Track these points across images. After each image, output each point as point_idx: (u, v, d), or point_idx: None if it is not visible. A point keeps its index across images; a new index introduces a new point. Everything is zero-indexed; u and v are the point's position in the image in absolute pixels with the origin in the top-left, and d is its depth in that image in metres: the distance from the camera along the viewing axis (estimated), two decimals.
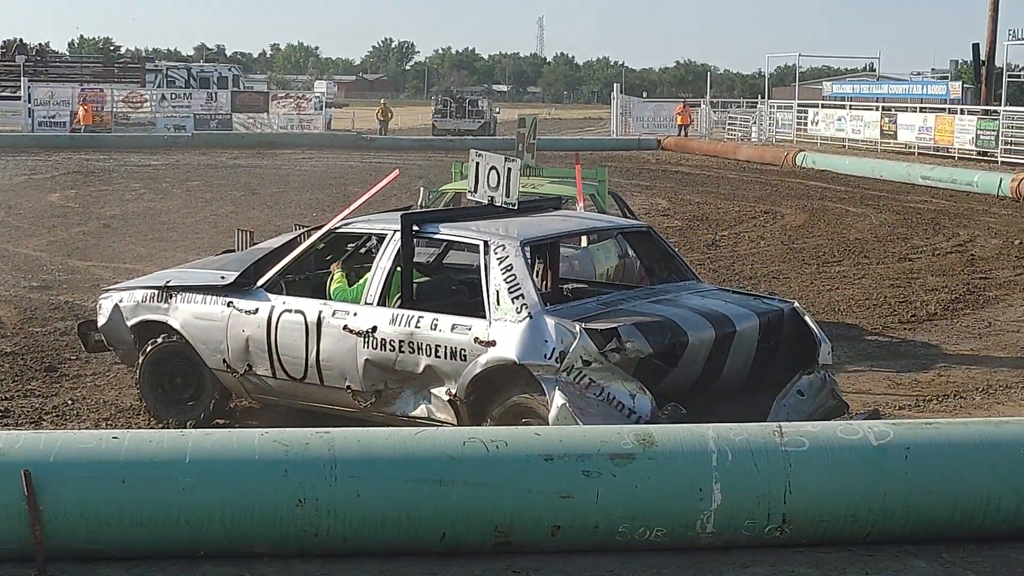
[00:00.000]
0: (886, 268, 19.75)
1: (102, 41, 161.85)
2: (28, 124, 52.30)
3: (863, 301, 16.60)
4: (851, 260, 20.62)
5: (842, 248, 22.03)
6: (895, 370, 12.86)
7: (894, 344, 14.14)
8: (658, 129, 57.85)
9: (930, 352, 13.82)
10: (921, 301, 16.65)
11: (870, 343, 14.18)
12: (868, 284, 18.05)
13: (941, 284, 18.15)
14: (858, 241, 23.06)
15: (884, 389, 12.09)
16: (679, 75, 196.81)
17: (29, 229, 23.07)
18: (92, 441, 6.99)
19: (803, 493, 6.97)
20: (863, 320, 15.39)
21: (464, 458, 6.91)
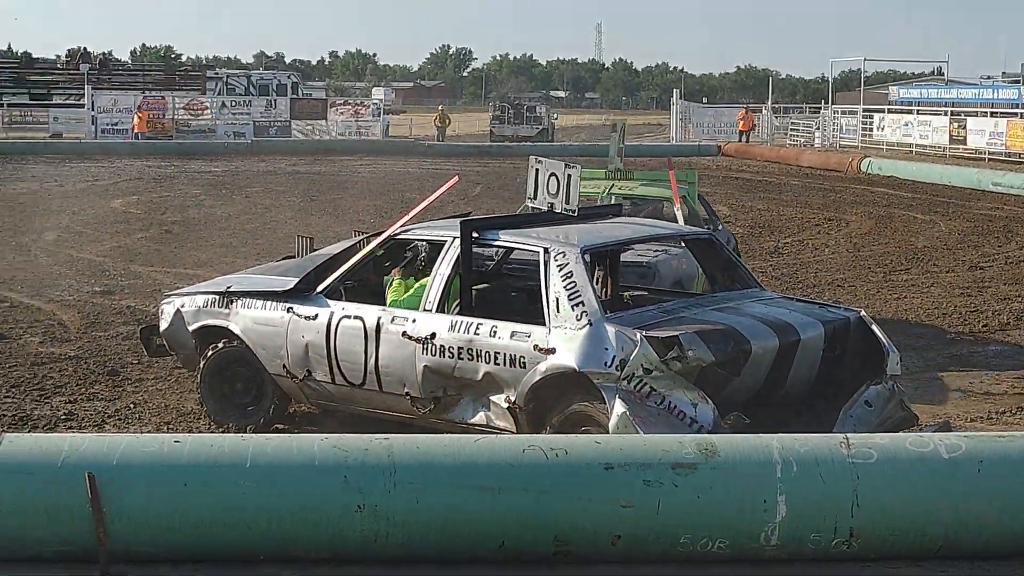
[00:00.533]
0: (956, 277, 19.50)
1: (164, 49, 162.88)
2: (92, 131, 52.72)
3: (932, 310, 16.41)
4: (919, 268, 20.39)
5: (910, 256, 21.78)
6: (966, 381, 12.68)
7: (965, 355, 13.96)
8: (718, 135, 57.56)
9: (1003, 363, 13.62)
10: (993, 311, 16.43)
11: (940, 353, 13.98)
12: (937, 293, 17.83)
13: (1014, 293, 17.90)
14: (926, 249, 22.78)
15: (955, 401, 11.92)
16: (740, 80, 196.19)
17: (92, 235, 23.24)
18: (154, 444, 7.02)
19: (871, 506, 6.87)
20: (932, 330, 15.19)
21: (523, 466, 6.87)
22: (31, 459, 6.77)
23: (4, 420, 10.78)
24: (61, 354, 13.20)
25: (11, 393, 11.66)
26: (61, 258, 20.19)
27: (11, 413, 11.00)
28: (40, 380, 12.11)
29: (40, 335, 14.12)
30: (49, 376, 12.28)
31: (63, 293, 16.83)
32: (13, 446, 6.89)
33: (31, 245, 21.58)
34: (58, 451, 6.81)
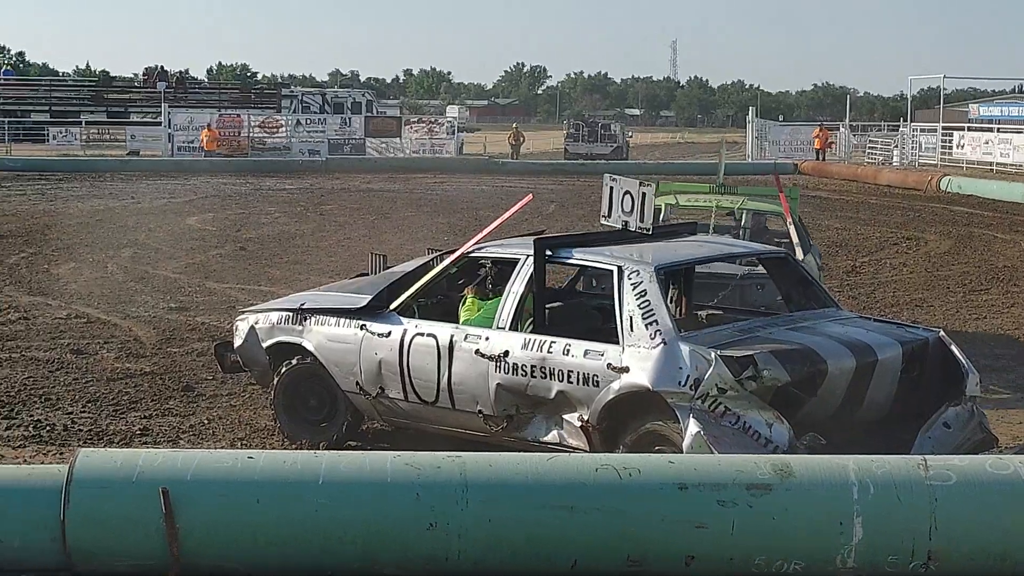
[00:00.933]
0: None
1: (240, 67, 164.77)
2: (168, 149, 53.30)
3: (1013, 331, 16.19)
4: (999, 288, 20.11)
5: (990, 276, 21.49)
6: None
7: None
8: (794, 153, 57.22)
9: None
10: None
11: (1020, 374, 13.77)
12: (1018, 313, 17.57)
13: None
14: (1007, 268, 22.46)
15: None
16: (817, 98, 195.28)
17: (168, 252, 23.45)
18: (228, 460, 7.05)
19: (949, 529, 6.76)
20: (1013, 350, 14.98)
21: (596, 485, 6.83)
22: (106, 474, 6.82)
23: (80, 435, 10.90)
24: (137, 370, 13.31)
25: (87, 408, 11.77)
26: (137, 274, 20.37)
27: (87, 428, 11.11)
28: (116, 395, 12.22)
29: (116, 351, 14.25)
30: (125, 391, 12.38)
31: (139, 309, 16.98)
32: (89, 460, 6.95)
33: (108, 262, 21.81)
34: (133, 466, 6.86)
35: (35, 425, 11.15)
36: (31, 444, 10.62)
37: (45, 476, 6.96)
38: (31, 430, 11.01)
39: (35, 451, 10.43)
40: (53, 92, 67.11)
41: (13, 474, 7.09)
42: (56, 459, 10.00)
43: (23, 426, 11.13)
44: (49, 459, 10.10)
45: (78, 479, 6.76)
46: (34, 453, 10.37)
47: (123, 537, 6.74)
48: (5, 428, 11.07)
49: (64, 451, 10.26)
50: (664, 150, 76.20)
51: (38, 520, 6.74)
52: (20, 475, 7.05)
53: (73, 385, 12.60)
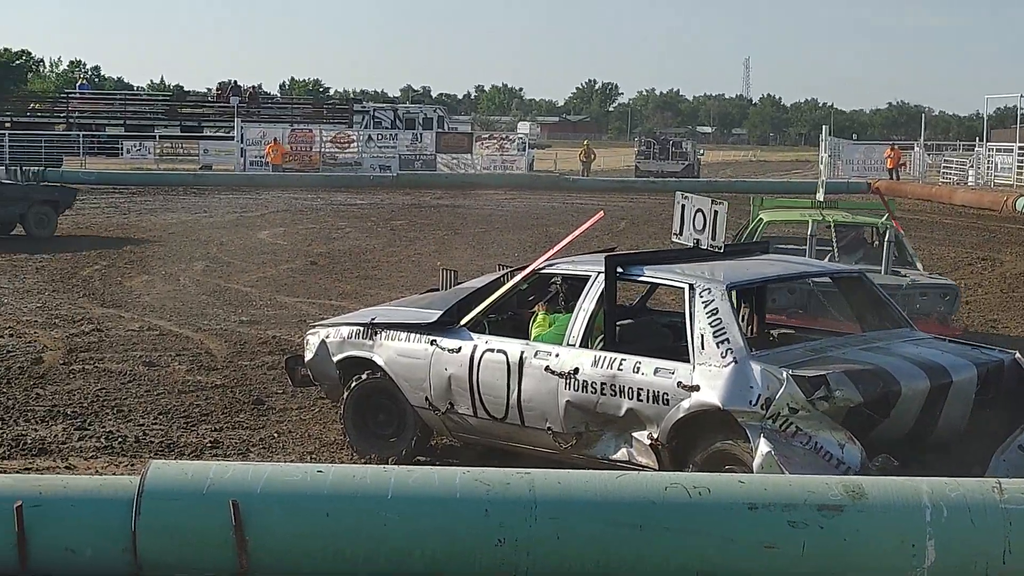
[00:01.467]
0: None
1: (312, 83, 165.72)
2: (240, 163, 53.70)
3: None
4: None
5: None
6: None
7: None
8: (868, 172, 56.83)
9: None
10: None
11: None
12: None
13: None
14: None
15: None
16: (891, 117, 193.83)
17: (240, 265, 23.62)
18: (298, 474, 7.07)
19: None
20: None
21: (665, 504, 6.80)
22: (177, 485, 6.87)
23: (152, 447, 10.99)
24: (208, 382, 13.42)
25: (159, 420, 11.87)
26: (209, 288, 20.55)
27: (159, 440, 11.21)
28: (187, 408, 12.32)
29: (188, 363, 14.36)
30: (196, 404, 12.48)
31: (210, 322, 17.11)
32: (160, 472, 6.99)
33: (180, 275, 22.02)
34: (203, 478, 6.90)
35: (107, 436, 11.27)
36: (103, 455, 10.73)
37: (117, 487, 7.01)
38: (103, 441, 11.12)
39: (107, 462, 10.53)
40: (128, 106, 67.86)
41: (85, 485, 7.13)
42: (128, 470, 10.11)
43: (95, 437, 11.25)
44: (121, 470, 10.21)
45: (149, 490, 6.81)
46: (106, 464, 10.47)
47: (193, 549, 6.77)
48: (78, 439, 11.19)
49: (136, 462, 10.35)
50: (736, 168, 75.82)
51: (109, 531, 6.79)
52: (92, 486, 7.10)
53: (145, 397, 12.72)
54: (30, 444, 10.95)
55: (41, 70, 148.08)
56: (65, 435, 11.31)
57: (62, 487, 7.01)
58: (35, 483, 7.12)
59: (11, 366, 13.99)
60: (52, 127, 59.91)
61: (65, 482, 7.21)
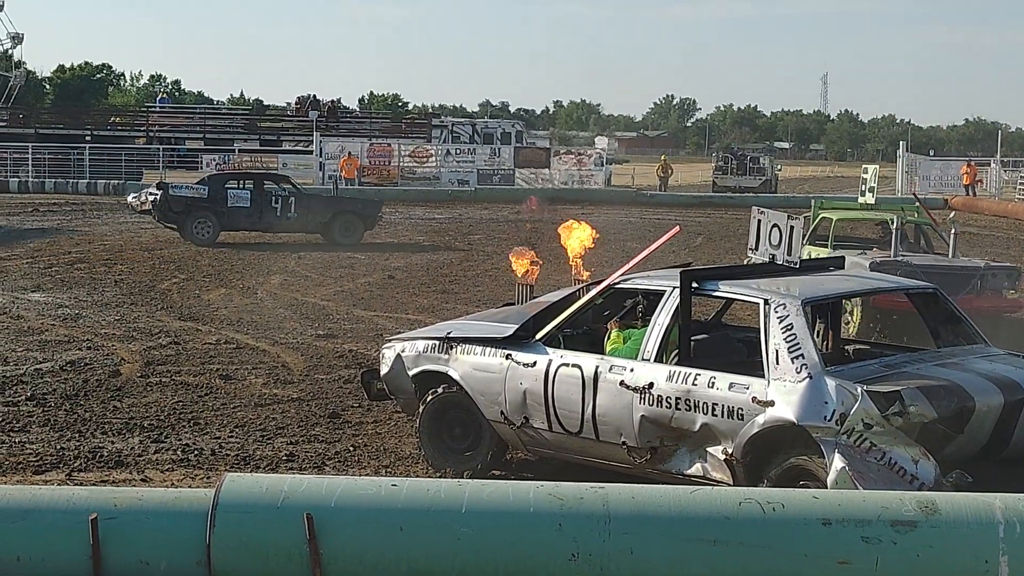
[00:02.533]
0: None
1: (391, 97, 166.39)
2: (319, 177, 54.04)
3: None
4: None
5: None
6: None
7: None
8: (944, 188, 56.38)
9: None
10: None
11: None
12: None
13: None
14: None
15: None
16: (968, 133, 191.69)
17: (317, 279, 23.79)
18: (372, 488, 7.08)
19: None
20: None
21: (739, 519, 6.76)
22: (252, 498, 6.90)
23: (228, 459, 11.08)
24: (284, 396, 13.51)
25: (235, 433, 11.97)
26: (286, 301, 20.71)
27: (234, 452, 11.30)
28: (263, 421, 12.41)
29: (264, 376, 14.48)
30: (272, 417, 12.57)
31: (287, 336, 17.24)
32: (235, 485, 7.03)
33: (257, 288, 22.22)
34: (278, 491, 6.93)
35: (183, 449, 11.37)
36: (179, 468, 10.83)
37: (192, 500, 7.05)
38: (179, 454, 11.23)
39: (183, 475, 10.62)
40: (207, 120, 68.79)
41: (161, 497, 7.18)
42: (203, 483, 10.18)
43: (172, 450, 11.36)
44: (196, 483, 10.28)
45: (224, 503, 6.85)
46: (182, 477, 10.56)
47: (267, 562, 6.80)
48: (154, 451, 11.30)
49: (211, 475, 10.43)
50: (813, 183, 75.40)
51: (184, 543, 6.82)
52: (167, 498, 7.14)
53: (221, 410, 12.84)
54: (106, 456, 11.07)
55: (122, 84, 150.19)
56: (141, 447, 11.43)
57: (137, 499, 7.06)
58: (110, 495, 7.18)
59: (88, 379, 14.16)
60: (132, 141, 60.78)
61: (140, 494, 7.27)
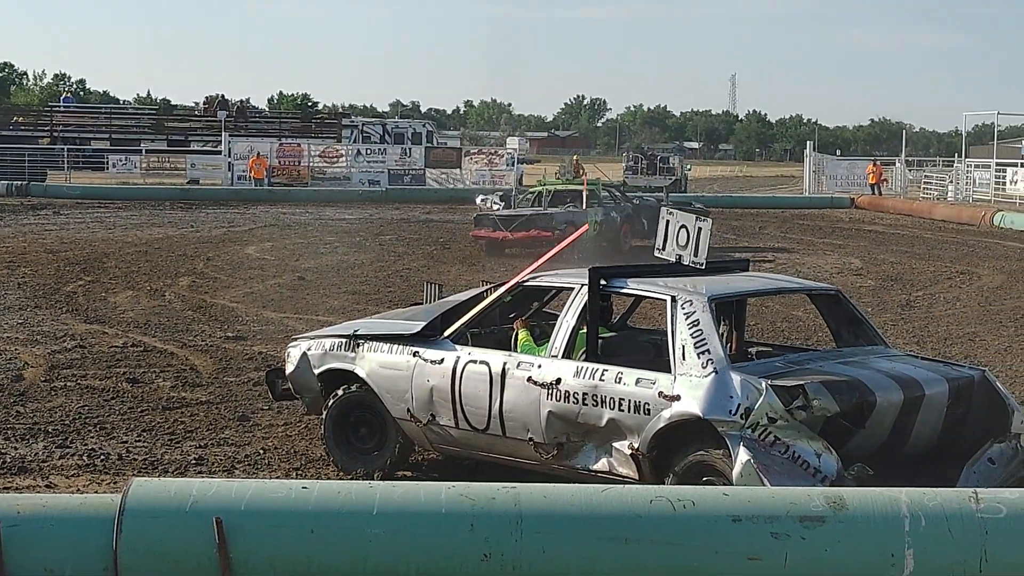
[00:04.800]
0: None
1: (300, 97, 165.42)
2: (228, 178, 53.66)
3: None
4: None
5: None
6: None
7: None
8: (851, 187, 57.15)
9: None
10: None
11: None
12: None
13: None
14: None
15: None
16: (873, 133, 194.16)
17: (226, 281, 23.62)
18: (282, 490, 7.04)
19: (999, 562, 6.71)
20: None
21: (650, 517, 6.81)
22: (159, 503, 6.81)
23: (135, 464, 10.95)
24: (193, 399, 13.40)
25: (142, 437, 11.83)
26: (195, 303, 20.54)
27: (142, 457, 11.17)
28: (171, 425, 12.29)
29: (172, 380, 14.33)
30: (180, 421, 12.45)
31: (195, 338, 17.10)
32: (142, 489, 6.94)
33: (166, 290, 22.01)
34: (186, 495, 6.86)
35: (89, 454, 11.21)
36: (85, 473, 10.66)
37: (98, 505, 6.95)
38: (85, 459, 11.06)
39: (89, 480, 10.47)
40: (113, 120, 67.73)
41: (65, 503, 7.07)
42: (110, 488, 10.02)
43: (77, 455, 11.19)
44: (103, 488, 10.13)
45: (131, 508, 6.76)
46: (88, 482, 10.41)
47: (176, 567, 6.72)
48: (59, 457, 11.12)
49: (118, 480, 10.27)
50: (723, 183, 76.00)
51: (90, 550, 6.71)
52: (72, 504, 7.04)
53: (128, 414, 12.68)
54: (10, 463, 10.86)
55: (24, 83, 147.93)
56: (46, 453, 11.24)
57: (41, 506, 6.94)
58: (13, 502, 7.03)
59: None
60: (36, 141, 59.72)
61: (44, 501, 7.14)
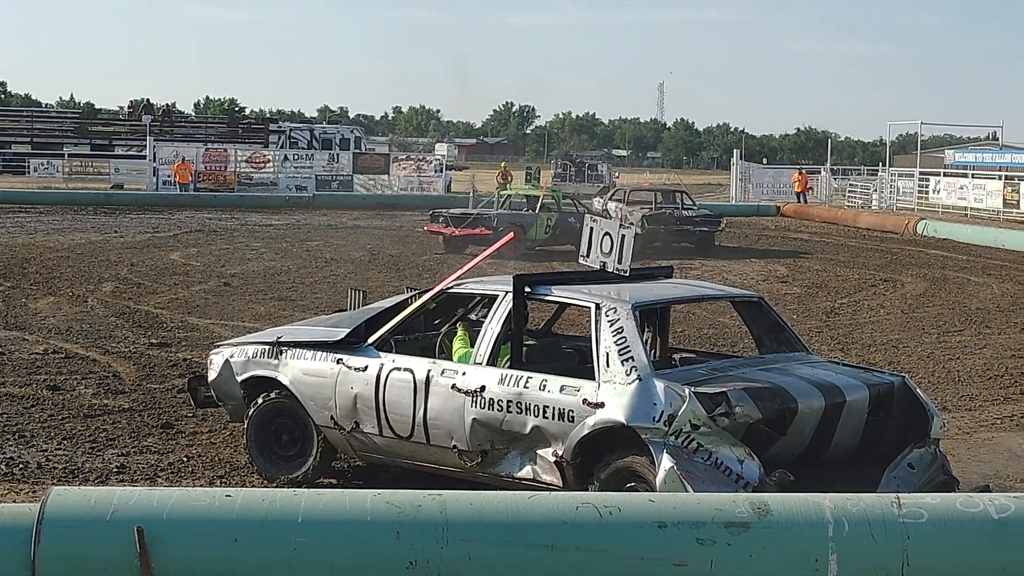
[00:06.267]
0: (1008, 338, 19.36)
1: (227, 102, 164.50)
2: (152, 183, 53.24)
3: (984, 371, 16.29)
4: (972, 330, 20.26)
5: (963, 318, 21.65)
6: (1016, 443, 12.59)
7: (1016, 415, 13.82)
8: (778, 195, 57.59)
9: None
10: None
11: (991, 414, 13.87)
12: (989, 355, 17.69)
13: None
14: (979, 311, 22.65)
15: (1005, 461, 11.84)
16: (799, 142, 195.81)
17: (151, 287, 23.40)
18: (205, 499, 6.98)
19: (921, 566, 6.78)
20: (984, 391, 15.08)
21: (576, 523, 6.82)
22: (79, 512, 6.72)
23: (55, 473, 10.80)
24: (115, 406, 13.24)
25: (63, 445, 11.67)
26: (118, 309, 20.31)
27: (62, 466, 11.01)
28: (93, 432, 12.13)
29: (94, 387, 14.16)
30: (102, 428, 12.30)
31: (119, 345, 16.92)
32: (61, 499, 6.85)
33: (88, 296, 21.74)
34: (107, 504, 6.78)
35: (8, 463, 11.02)
36: (3, 482, 10.47)
37: (16, 515, 6.83)
38: (3, 468, 10.87)
39: (7, 489, 10.29)
40: (35, 123, 67.00)
41: None
42: (29, 498, 9.85)
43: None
44: (22, 498, 9.96)
45: (49, 518, 6.66)
46: (6, 491, 10.23)
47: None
48: None
49: (37, 489, 10.12)
50: None
51: (8, 560, 6.60)
52: None
53: (49, 422, 12.50)
54: None
55: None
56: None
57: None
58: None
59: None
60: None
61: None
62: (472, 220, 31.28)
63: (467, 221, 31.28)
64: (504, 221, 30.75)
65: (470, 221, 31.24)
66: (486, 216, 31.53)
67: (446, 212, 32.42)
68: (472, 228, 30.85)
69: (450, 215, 31.93)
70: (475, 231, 30.64)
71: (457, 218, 31.68)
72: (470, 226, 30.97)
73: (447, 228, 31.42)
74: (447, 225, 31.50)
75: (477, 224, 30.93)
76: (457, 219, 31.60)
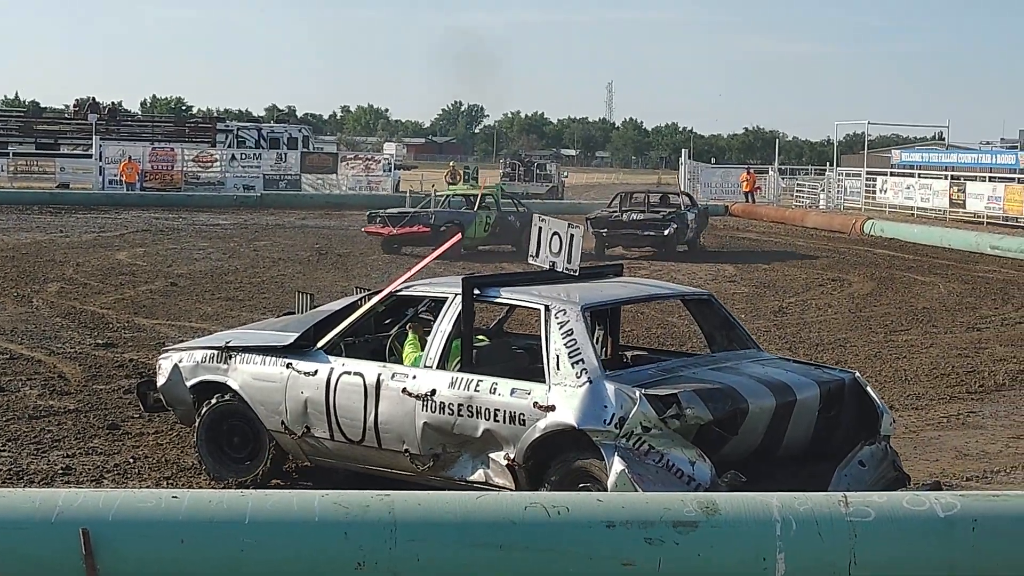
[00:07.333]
0: (954, 337, 19.52)
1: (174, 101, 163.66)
2: (99, 182, 52.90)
3: (931, 370, 16.40)
4: (919, 329, 20.40)
5: (910, 317, 21.80)
6: (963, 441, 12.68)
7: (962, 414, 13.94)
8: (726, 195, 57.79)
9: (998, 423, 13.63)
10: (989, 371, 16.42)
11: (937, 412, 13.98)
12: (936, 353, 17.82)
13: (1010, 354, 17.87)
14: (926, 310, 22.81)
15: (951, 459, 11.92)
16: (747, 141, 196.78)
17: (97, 287, 23.25)
18: (152, 500, 6.93)
19: (868, 564, 6.81)
20: (930, 389, 15.18)
21: (525, 523, 6.81)
22: (23, 514, 6.66)
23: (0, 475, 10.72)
24: (60, 407, 13.13)
25: (7, 447, 11.56)
26: (63, 310, 20.16)
27: (6, 468, 10.90)
28: (38, 434, 12.03)
29: (39, 388, 14.05)
30: (47, 430, 12.20)
31: (64, 345, 16.79)
32: (5, 500, 6.80)
33: (33, 296, 21.58)
34: (52, 506, 6.72)
35: None
36: None
37: None
38: None
39: None
40: None
41: None
42: None
43: None
44: None
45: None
46: None
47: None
48: None
49: None
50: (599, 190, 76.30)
51: None
52: None
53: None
54: None
55: None
56: None
57: None
58: None
59: None
60: None
61: None
62: (410, 218, 31.32)
63: (404, 220, 31.28)
64: (442, 219, 31.03)
65: (408, 219, 31.24)
66: (423, 214, 31.57)
67: (383, 212, 32.62)
68: (410, 226, 30.85)
69: (387, 215, 32.11)
70: (412, 229, 30.71)
71: (394, 218, 31.74)
72: (407, 224, 30.96)
73: (384, 228, 31.41)
74: (384, 225, 31.53)
75: (415, 222, 30.96)
76: (394, 219, 31.66)
